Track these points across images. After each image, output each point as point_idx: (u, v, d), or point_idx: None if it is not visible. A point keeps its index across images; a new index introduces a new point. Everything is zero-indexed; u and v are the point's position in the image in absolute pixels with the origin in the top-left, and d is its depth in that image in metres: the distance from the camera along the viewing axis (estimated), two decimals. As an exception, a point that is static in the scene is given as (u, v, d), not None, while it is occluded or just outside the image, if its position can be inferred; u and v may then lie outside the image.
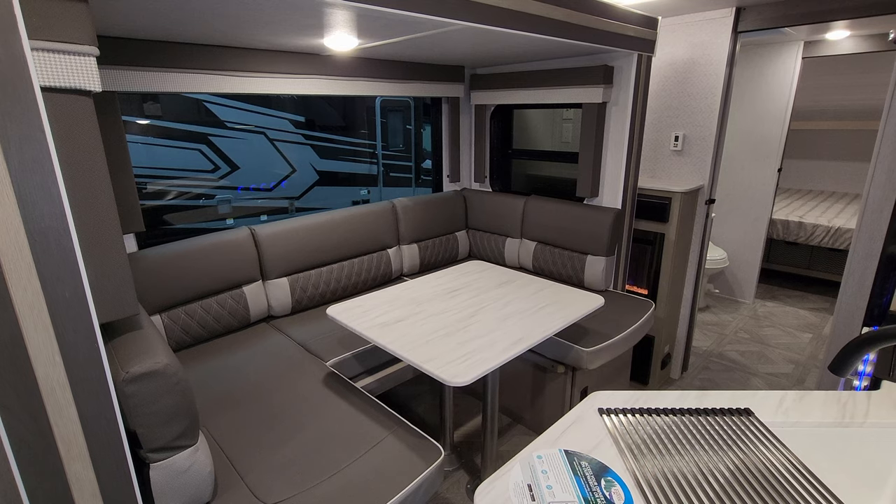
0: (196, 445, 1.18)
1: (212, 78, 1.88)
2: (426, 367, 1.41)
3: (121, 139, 1.72)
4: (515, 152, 3.20)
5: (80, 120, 0.97)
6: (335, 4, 1.24)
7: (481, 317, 1.75)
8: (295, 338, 2.10)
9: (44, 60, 0.89)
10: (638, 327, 2.26)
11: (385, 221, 2.67)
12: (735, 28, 2.44)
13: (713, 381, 2.89)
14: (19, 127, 0.81)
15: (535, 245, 2.78)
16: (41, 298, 0.88)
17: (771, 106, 3.73)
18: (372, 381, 2.05)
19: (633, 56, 2.29)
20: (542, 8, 1.71)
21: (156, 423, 1.09)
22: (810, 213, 4.36)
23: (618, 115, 2.44)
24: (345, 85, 2.37)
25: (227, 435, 1.49)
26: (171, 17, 1.38)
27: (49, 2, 0.89)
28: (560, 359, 2.12)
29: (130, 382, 1.04)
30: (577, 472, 0.84)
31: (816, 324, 3.67)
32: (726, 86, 2.53)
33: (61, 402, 0.93)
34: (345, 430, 1.50)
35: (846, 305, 2.02)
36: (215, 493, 1.26)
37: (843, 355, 0.94)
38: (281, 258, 2.25)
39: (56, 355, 0.91)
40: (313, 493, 1.26)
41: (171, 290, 1.92)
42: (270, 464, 1.36)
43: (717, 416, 0.98)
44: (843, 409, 1.01)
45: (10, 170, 0.80)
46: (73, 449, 0.96)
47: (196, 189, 4.88)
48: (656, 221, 2.57)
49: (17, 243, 0.84)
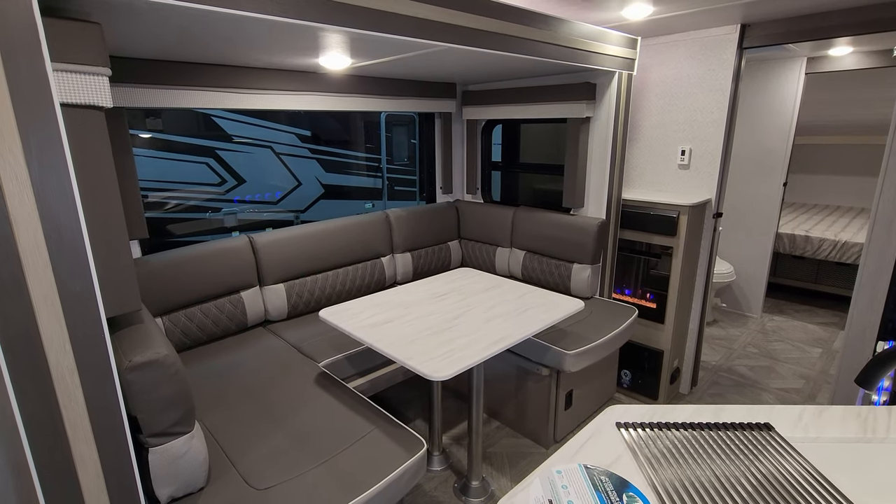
0: (192, 433, 1.27)
1: (213, 94, 2.00)
2: (409, 363, 1.50)
3: (127, 151, 1.84)
4: (506, 164, 3.33)
5: (93, 132, 1.08)
6: (321, 28, 1.36)
7: (466, 319, 1.84)
8: (289, 340, 2.20)
9: (63, 80, 1.01)
10: (620, 332, 2.34)
11: (379, 231, 2.78)
12: (740, 44, 2.47)
13: (723, 397, 2.87)
14: (40, 137, 0.92)
15: (524, 254, 2.88)
16: (55, 291, 0.98)
17: (775, 121, 3.78)
18: (363, 382, 2.13)
19: (615, 74, 2.42)
20: (522, 30, 1.83)
21: (155, 410, 1.18)
22: (816, 227, 4.36)
23: (601, 129, 2.55)
24: (341, 101, 2.49)
25: (222, 428, 1.57)
26: (175, 39, 1.50)
27: (68, 29, 1.00)
28: (544, 362, 2.20)
29: (132, 371, 1.14)
30: (598, 486, 0.82)
31: (826, 338, 3.64)
32: (732, 101, 2.56)
33: (70, 387, 1.03)
34: (333, 424, 1.59)
35: (858, 320, 2.00)
36: (209, 479, 1.35)
37: (871, 368, 0.93)
38: (278, 265, 2.35)
39: (66, 344, 1.01)
40: (302, 480, 1.35)
41: (173, 295, 2.02)
42: (262, 454, 1.45)
43: (736, 431, 0.97)
44: (864, 423, 1.00)
45: (31, 174, 0.91)
46: (79, 431, 1.05)
47: (196, 200, 4.99)
48: (664, 235, 2.57)
49: (35, 240, 0.94)
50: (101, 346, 1.05)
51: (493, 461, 2.27)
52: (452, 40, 1.63)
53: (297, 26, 1.32)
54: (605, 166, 2.57)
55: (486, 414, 2.62)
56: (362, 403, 1.71)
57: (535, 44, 1.91)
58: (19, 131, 0.89)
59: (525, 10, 1.83)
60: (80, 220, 0.99)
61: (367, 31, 1.40)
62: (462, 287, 2.21)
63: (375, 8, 1.40)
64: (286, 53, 1.80)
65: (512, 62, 2.11)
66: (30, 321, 0.95)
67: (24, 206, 0.91)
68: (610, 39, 2.25)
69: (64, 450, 1.03)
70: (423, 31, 1.54)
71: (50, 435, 1.01)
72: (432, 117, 3.16)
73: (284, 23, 1.26)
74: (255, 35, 1.46)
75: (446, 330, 1.74)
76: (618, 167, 2.57)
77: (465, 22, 1.65)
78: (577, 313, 2.49)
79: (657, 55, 2.75)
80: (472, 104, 3.03)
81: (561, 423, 2.35)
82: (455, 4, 1.60)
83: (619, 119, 2.50)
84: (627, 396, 2.84)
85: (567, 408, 2.36)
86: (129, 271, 1.19)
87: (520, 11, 1.81)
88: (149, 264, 1.96)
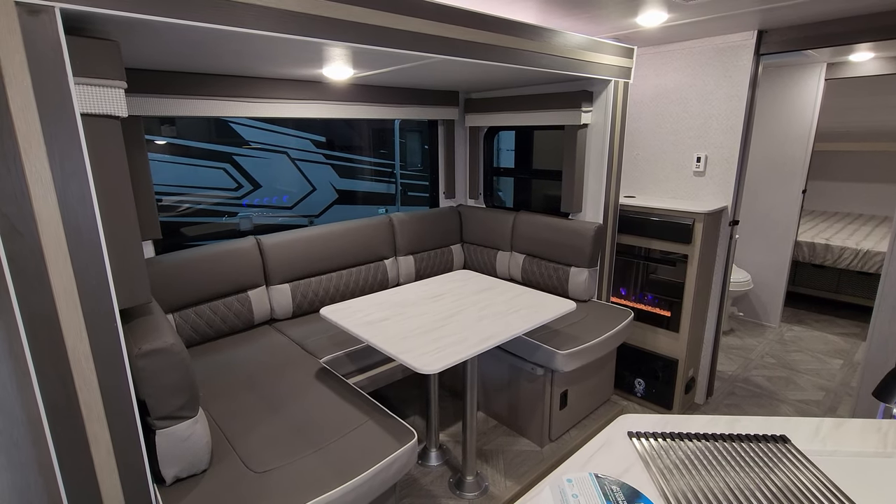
0: (196, 418, 1.36)
1: (224, 104, 2.12)
2: (402, 357, 1.59)
3: (143, 156, 1.97)
4: (506, 170, 3.41)
5: (110, 139, 1.19)
6: (322, 43, 1.46)
7: (459, 318, 1.92)
8: (293, 337, 2.29)
9: (84, 92, 1.12)
10: (614, 334, 2.40)
11: (382, 234, 2.87)
12: (757, 51, 2.45)
13: (740, 408, 2.82)
14: (62, 144, 1.02)
15: (524, 257, 2.95)
16: (73, 283, 1.08)
17: (794, 127, 3.74)
18: (363, 378, 2.22)
19: (611, 82, 2.49)
20: (515, 41, 1.92)
21: (162, 394, 1.28)
22: (837, 236, 4.26)
23: (598, 135, 2.62)
24: (347, 109, 2.60)
25: (225, 416, 1.67)
26: (187, 53, 1.61)
27: (89, 47, 1.11)
28: (539, 361, 2.26)
29: (142, 357, 1.24)
30: (609, 496, 0.80)
31: (847, 349, 3.57)
32: (749, 107, 2.54)
33: (85, 372, 1.13)
34: (330, 414, 1.67)
35: (880, 331, 1.96)
36: (211, 462, 1.44)
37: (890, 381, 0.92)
38: (284, 266, 2.45)
39: (83, 331, 1.11)
40: (299, 464, 1.43)
41: (183, 292, 2.13)
42: (261, 440, 1.54)
43: (752, 443, 0.96)
44: (885, 438, 0.97)
45: (54, 177, 1.02)
46: (93, 411, 1.15)
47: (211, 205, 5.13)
48: (679, 243, 2.54)
49: (56, 236, 1.04)
50: (114, 334, 1.15)
51: (489, 458, 2.33)
52: (448, 52, 1.73)
53: (300, 41, 1.42)
54: (602, 172, 2.63)
55: (483, 412, 2.69)
56: (359, 397, 1.79)
57: (530, 54, 1.99)
58: (44, 138, 1.00)
59: (517, 23, 1.92)
60: (97, 220, 1.09)
61: (365, 46, 1.50)
62: (458, 288, 2.29)
63: (372, 24, 1.49)
64: (292, 65, 1.91)
65: (509, 72, 2.20)
66: (51, 310, 1.05)
67: (48, 206, 1.02)
68: (605, 49, 2.32)
69: (79, 428, 1.13)
70: (419, 43, 1.64)
71: (67, 415, 1.11)
72: (436, 124, 3.25)
73: (288, 39, 1.36)
74: (262, 49, 1.56)
75: (439, 328, 1.82)
76: (615, 172, 2.63)
77: (459, 35, 1.74)
78: (574, 315, 2.55)
79: (672, 62, 2.75)
80: (474, 111, 3.12)
81: (556, 423, 2.41)
82: (449, 18, 1.69)
83: (616, 126, 2.57)
84: (641, 406, 2.81)
85: (562, 407, 2.42)
86: (140, 267, 1.29)
87: (512, 24, 1.90)
88: (161, 263, 2.08)
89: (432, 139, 3.32)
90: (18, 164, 0.97)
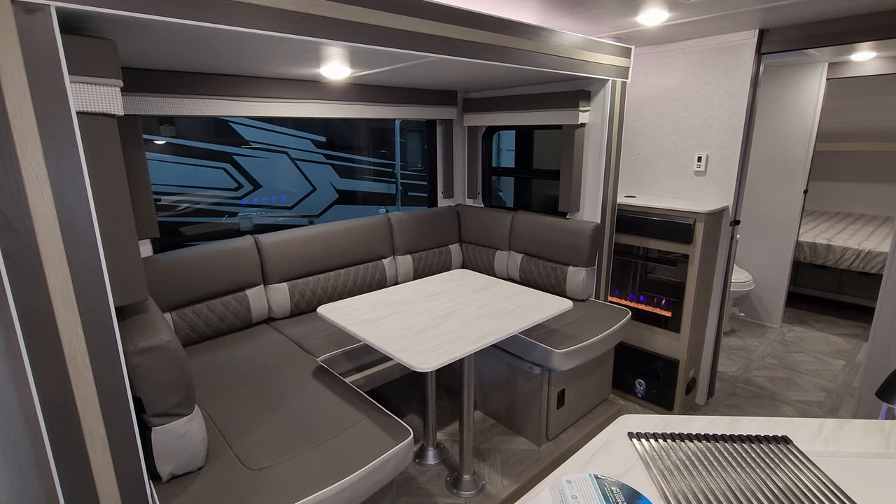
0: (192, 415, 1.37)
1: (221, 103, 2.13)
2: (398, 355, 1.59)
3: (141, 155, 1.97)
4: (504, 169, 3.42)
5: (106, 137, 1.20)
6: (320, 42, 1.46)
7: (456, 317, 1.92)
8: (290, 336, 2.30)
9: (79, 90, 1.12)
10: (611, 333, 2.40)
11: (380, 233, 2.88)
12: (758, 50, 2.44)
13: (741, 409, 2.82)
14: (59, 142, 1.03)
15: (522, 257, 2.95)
16: (69, 280, 1.09)
17: (795, 127, 3.73)
18: (360, 377, 2.22)
19: (608, 82, 2.49)
20: (512, 41, 1.92)
21: (158, 391, 1.28)
22: (839, 236, 4.26)
23: (595, 135, 2.62)
24: (346, 108, 2.60)
25: (221, 414, 1.68)
26: (185, 52, 1.62)
27: (85, 45, 1.12)
28: (536, 360, 2.27)
29: (138, 354, 1.24)
30: (609, 497, 0.80)
31: (848, 350, 3.57)
32: (750, 107, 2.53)
33: (81, 368, 1.13)
34: (327, 412, 1.68)
35: (882, 331, 1.96)
36: (208, 459, 1.45)
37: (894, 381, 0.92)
38: (281, 265, 2.46)
39: (78, 328, 1.11)
40: (294, 462, 1.44)
41: (181, 291, 2.13)
42: (257, 438, 1.55)
43: (753, 443, 0.95)
44: (887, 438, 0.97)
45: (50, 175, 1.02)
46: (88, 408, 1.16)
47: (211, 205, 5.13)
48: (679, 243, 2.53)
49: (52, 234, 1.05)
50: (110, 331, 1.16)
51: (486, 457, 2.34)
52: (444, 51, 1.73)
53: (297, 41, 1.43)
54: (599, 171, 2.63)
55: (480, 411, 2.69)
56: (355, 395, 1.80)
57: (527, 54, 1.99)
58: (40, 136, 1.00)
59: (515, 22, 1.92)
60: (93, 217, 1.09)
61: (362, 45, 1.50)
62: (455, 287, 2.29)
63: (370, 23, 1.50)
64: (290, 64, 1.92)
65: (507, 71, 2.20)
66: (46, 307, 1.06)
67: (44, 203, 1.02)
68: (602, 49, 2.33)
69: (75, 425, 1.13)
70: (416, 43, 1.64)
71: (63, 412, 1.11)
72: (434, 124, 3.26)
73: (284, 38, 1.36)
74: (260, 48, 1.57)
75: (435, 327, 1.82)
76: (613, 172, 2.63)
77: (456, 34, 1.75)
78: (571, 314, 2.55)
79: (673, 61, 2.75)
80: (473, 111, 3.12)
81: (553, 422, 2.41)
82: (446, 18, 1.69)
83: (614, 125, 2.57)
84: (642, 407, 2.81)
85: (559, 406, 2.42)
86: (136, 265, 1.29)
87: (510, 23, 1.90)
88: (159, 262, 2.08)
89: (431, 139, 3.33)
90: (14, 162, 0.98)
